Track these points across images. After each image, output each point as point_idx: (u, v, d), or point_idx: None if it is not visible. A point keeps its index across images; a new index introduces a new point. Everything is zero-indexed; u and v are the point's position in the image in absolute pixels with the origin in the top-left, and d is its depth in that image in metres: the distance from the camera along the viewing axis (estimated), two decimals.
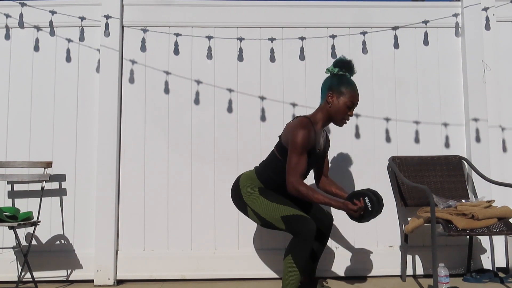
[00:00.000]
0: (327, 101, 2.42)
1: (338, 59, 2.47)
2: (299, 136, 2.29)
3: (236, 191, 2.51)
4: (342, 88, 2.39)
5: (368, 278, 3.10)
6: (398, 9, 3.33)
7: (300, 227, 2.23)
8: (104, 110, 3.13)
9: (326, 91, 2.44)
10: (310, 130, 2.33)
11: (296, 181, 2.29)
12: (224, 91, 3.25)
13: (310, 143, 2.33)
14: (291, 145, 2.31)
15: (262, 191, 2.44)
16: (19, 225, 2.68)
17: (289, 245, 2.26)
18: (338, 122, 2.45)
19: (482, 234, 2.58)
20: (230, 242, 3.15)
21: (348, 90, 2.39)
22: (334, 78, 2.43)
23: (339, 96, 2.40)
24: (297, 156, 2.31)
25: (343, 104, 2.39)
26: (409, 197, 3.04)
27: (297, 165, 2.30)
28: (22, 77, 3.21)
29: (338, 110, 2.40)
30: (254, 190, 2.45)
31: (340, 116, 2.41)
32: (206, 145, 3.21)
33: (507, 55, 3.36)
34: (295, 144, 2.30)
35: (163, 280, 3.11)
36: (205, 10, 3.28)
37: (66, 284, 3.06)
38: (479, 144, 3.20)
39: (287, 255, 2.24)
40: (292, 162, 2.31)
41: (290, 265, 2.22)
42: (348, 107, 2.40)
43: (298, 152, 2.30)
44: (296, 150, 2.30)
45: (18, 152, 3.15)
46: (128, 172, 3.17)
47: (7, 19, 3.22)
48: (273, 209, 2.33)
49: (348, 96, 2.39)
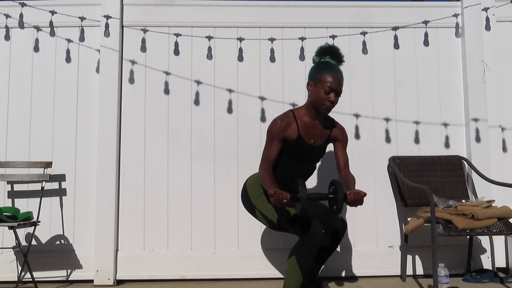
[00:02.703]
0: (308, 91, 2.41)
1: (320, 47, 2.42)
2: (270, 126, 2.38)
3: (245, 193, 2.53)
4: (318, 75, 2.34)
5: (368, 278, 3.10)
6: (398, 9, 3.33)
7: (305, 229, 2.22)
8: (104, 110, 3.13)
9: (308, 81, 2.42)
10: (285, 120, 2.36)
11: (260, 165, 2.38)
12: (224, 91, 3.25)
13: (285, 131, 2.35)
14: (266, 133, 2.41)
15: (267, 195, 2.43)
16: (19, 225, 2.68)
17: (294, 247, 2.25)
18: (320, 109, 2.37)
19: (482, 234, 2.58)
20: (230, 242, 3.15)
21: (323, 75, 2.31)
22: (313, 67, 2.41)
23: (316, 83, 2.35)
24: (267, 144, 2.39)
25: (320, 90, 2.32)
26: (409, 197, 3.04)
27: (265, 151, 2.39)
28: (22, 77, 3.21)
29: (316, 97, 2.35)
30: (261, 192, 2.45)
31: (319, 102, 2.34)
32: (206, 145, 3.20)
33: (507, 55, 3.36)
34: (267, 132, 2.39)
35: (163, 280, 3.11)
36: (205, 10, 3.28)
37: (66, 284, 3.06)
38: (479, 144, 3.20)
39: (291, 256, 2.23)
40: (264, 150, 2.41)
41: (293, 266, 2.22)
42: (325, 92, 2.32)
43: (268, 141, 2.39)
44: (268, 137, 2.39)
45: (18, 152, 3.15)
46: (128, 172, 3.17)
47: (7, 19, 3.22)
48: (280, 212, 2.33)
49: (324, 80, 2.31)
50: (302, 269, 2.20)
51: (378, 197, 3.20)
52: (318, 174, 3.23)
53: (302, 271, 2.20)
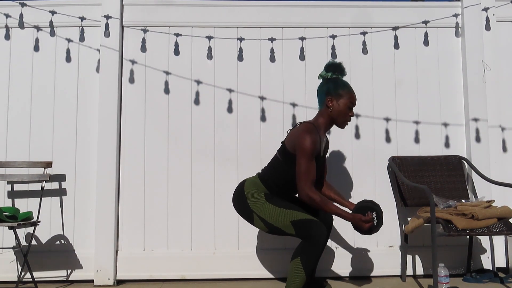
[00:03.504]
0: (327, 106, 2.44)
1: (329, 64, 2.50)
2: (307, 142, 2.28)
3: (240, 197, 2.48)
4: (339, 90, 2.43)
5: (368, 278, 3.10)
6: (398, 9, 3.33)
7: (310, 231, 2.22)
8: (104, 110, 3.13)
9: (324, 96, 2.46)
10: (317, 135, 2.34)
11: (309, 189, 2.28)
12: (224, 91, 3.25)
13: (317, 148, 2.34)
14: (301, 151, 2.30)
15: (268, 197, 2.42)
16: (19, 225, 2.68)
17: (298, 248, 2.25)
18: (341, 125, 2.48)
19: (482, 234, 2.58)
20: (230, 242, 3.15)
21: (345, 92, 2.44)
22: (330, 82, 2.46)
23: (338, 99, 2.43)
24: (307, 162, 2.29)
25: (343, 106, 2.43)
26: (409, 197, 3.04)
27: (308, 171, 2.30)
28: (22, 77, 3.21)
29: (339, 112, 2.44)
30: (260, 196, 2.42)
31: (342, 118, 2.45)
32: (206, 145, 3.21)
33: (507, 55, 3.36)
34: (305, 150, 2.29)
35: (163, 280, 3.11)
36: (205, 10, 3.28)
37: (66, 284, 3.06)
38: (479, 144, 3.20)
39: (296, 257, 2.23)
40: (303, 169, 2.29)
41: (298, 267, 2.21)
42: (348, 107, 2.45)
43: (308, 158, 2.29)
44: (306, 156, 2.29)
45: (18, 152, 3.15)
46: (128, 172, 3.17)
47: (7, 19, 3.22)
48: (282, 215, 2.32)
49: (347, 97, 2.44)
50: (306, 270, 2.21)
51: (378, 197, 3.20)
52: None
53: (306, 272, 2.21)
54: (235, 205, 2.52)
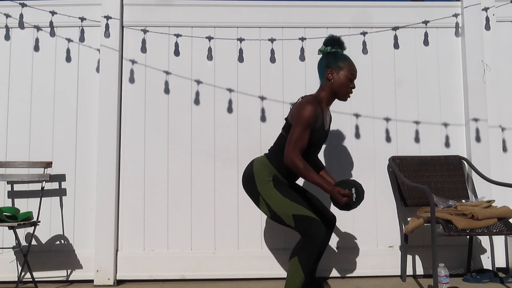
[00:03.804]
0: (328, 79, 2.45)
1: (328, 38, 2.51)
2: (306, 111, 2.30)
3: (249, 177, 2.45)
4: (339, 63, 2.44)
5: (368, 278, 3.10)
6: (398, 9, 3.33)
7: (309, 229, 2.22)
8: (104, 110, 3.13)
9: (324, 69, 2.47)
10: (317, 106, 2.34)
11: (295, 155, 2.29)
12: (224, 91, 3.25)
13: (316, 119, 2.35)
14: (297, 119, 2.31)
15: (276, 182, 2.39)
16: (19, 225, 2.68)
17: (296, 247, 2.25)
18: (343, 97, 2.48)
19: (482, 234, 2.58)
20: (230, 242, 3.15)
21: (345, 64, 2.45)
22: (330, 56, 2.48)
23: (338, 71, 2.44)
24: (301, 130, 2.31)
25: (344, 78, 2.43)
26: (409, 197, 3.04)
27: (299, 139, 2.31)
28: (22, 77, 3.21)
29: (341, 84, 2.44)
30: (269, 180, 2.39)
31: (344, 90, 2.45)
32: (206, 145, 3.21)
33: (507, 55, 3.36)
34: (301, 118, 2.30)
35: (163, 280, 3.11)
36: (205, 10, 3.28)
37: (66, 284, 3.06)
38: (479, 144, 3.20)
39: (294, 256, 2.23)
40: (295, 135, 2.31)
41: (296, 267, 2.21)
42: (349, 79, 2.45)
43: (302, 126, 2.30)
44: (301, 124, 2.30)
45: (18, 152, 3.15)
46: (128, 172, 3.17)
47: (7, 19, 3.22)
48: (286, 205, 2.31)
49: (348, 69, 2.44)
50: (304, 270, 2.20)
51: (378, 197, 3.21)
52: None
53: (304, 271, 2.21)
54: (244, 186, 2.49)
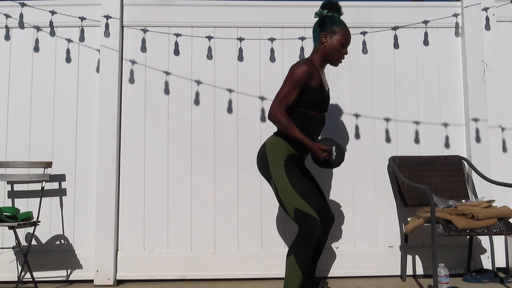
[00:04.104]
0: (321, 42, 2.46)
1: (325, 2, 2.51)
2: (297, 69, 2.32)
3: (263, 159, 2.42)
4: (334, 27, 2.45)
5: (368, 278, 3.10)
6: (398, 9, 3.33)
7: (307, 225, 2.22)
8: (104, 110, 3.13)
9: (318, 32, 2.48)
10: (310, 66, 2.35)
11: (279, 110, 2.31)
12: (224, 91, 3.25)
13: (310, 78, 2.35)
14: (287, 77, 2.34)
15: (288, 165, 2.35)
16: (19, 225, 2.68)
17: (292, 245, 2.26)
18: (334, 62, 2.49)
19: (482, 234, 2.58)
20: (230, 242, 3.15)
21: (340, 28, 2.45)
22: (325, 19, 2.48)
23: (332, 35, 2.44)
24: (290, 87, 2.32)
25: (337, 42, 2.44)
26: (409, 197, 3.04)
27: (287, 95, 2.32)
28: (22, 77, 3.21)
29: (333, 48, 2.44)
30: (281, 163, 2.35)
31: (336, 54, 2.46)
32: (206, 145, 3.21)
33: (507, 55, 3.36)
34: (292, 76, 2.32)
35: (163, 280, 3.11)
36: (205, 10, 3.28)
37: (66, 284, 3.06)
38: (479, 144, 3.20)
39: (290, 254, 2.24)
40: (283, 91, 2.33)
41: (293, 265, 2.22)
42: (342, 44, 2.45)
43: (292, 84, 2.32)
44: (291, 81, 2.32)
45: (18, 152, 3.15)
46: (128, 172, 3.17)
47: (7, 19, 3.22)
48: (292, 196, 2.29)
49: (341, 34, 2.44)
50: (301, 267, 2.21)
51: (378, 197, 3.21)
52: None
53: (301, 269, 2.21)
54: (258, 167, 2.47)
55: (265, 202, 3.17)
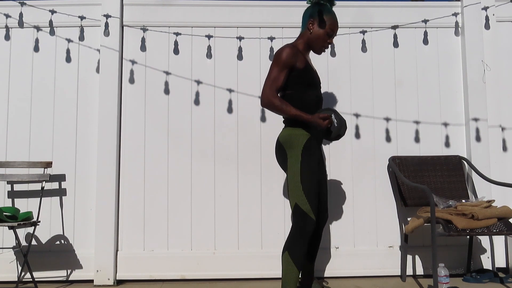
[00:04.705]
0: (308, 28, 2.45)
1: None
2: (282, 53, 2.33)
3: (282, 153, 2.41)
4: (323, 16, 2.44)
5: (368, 278, 3.10)
6: (397, 9, 3.32)
7: (300, 223, 2.25)
8: (104, 110, 3.13)
9: (307, 19, 2.47)
10: (294, 49, 2.36)
11: (271, 94, 2.32)
12: (224, 91, 3.25)
13: (295, 60, 2.35)
14: (274, 60, 2.35)
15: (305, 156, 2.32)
16: (19, 225, 2.68)
17: (286, 241, 2.29)
18: (317, 50, 2.49)
19: (482, 234, 2.58)
20: (230, 242, 3.15)
21: (328, 18, 2.44)
22: (316, 6, 2.47)
23: (320, 23, 2.44)
24: (277, 70, 2.33)
25: (323, 32, 2.44)
26: (409, 197, 3.04)
27: (275, 79, 2.33)
28: (22, 77, 3.21)
29: (318, 36, 2.44)
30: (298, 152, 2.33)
31: (320, 43, 2.45)
32: (206, 145, 3.20)
33: (507, 55, 3.35)
34: (277, 59, 2.33)
35: (163, 280, 3.11)
36: (205, 10, 3.27)
37: (66, 284, 3.06)
38: (479, 144, 3.20)
39: (284, 252, 2.27)
40: (271, 76, 2.34)
41: (288, 262, 2.24)
42: (328, 34, 2.45)
43: (279, 67, 2.33)
44: (277, 64, 2.33)
45: (18, 152, 3.15)
46: (128, 172, 3.17)
47: (7, 19, 3.22)
48: (297, 190, 2.29)
49: (329, 23, 2.44)
50: (296, 263, 2.24)
51: (378, 197, 3.21)
52: None
53: (297, 265, 2.24)
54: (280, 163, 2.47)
55: (265, 202, 3.17)
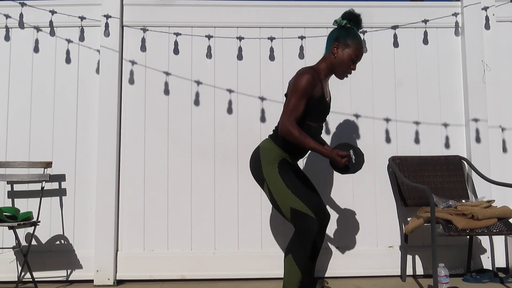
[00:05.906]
0: (332, 52, 2.41)
1: (347, 12, 2.45)
2: (301, 80, 2.29)
3: (256, 162, 2.42)
4: (348, 40, 2.39)
5: (368, 278, 3.10)
6: (397, 9, 3.32)
7: (303, 225, 2.22)
8: (104, 110, 3.13)
9: (332, 42, 2.43)
10: (314, 76, 2.32)
11: (290, 123, 2.28)
12: (224, 91, 3.25)
13: (313, 88, 2.32)
14: (293, 89, 2.30)
15: (281, 167, 2.35)
16: (19, 225, 2.68)
17: (289, 244, 2.26)
18: (340, 74, 2.44)
19: (482, 234, 2.58)
20: (230, 242, 3.15)
21: (354, 43, 2.39)
22: (342, 30, 2.42)
23: (344, 48, 2.39)
24: (296, 99, 2.29)
25: (347, 56, 2.39)
26: (409, 197, 3.04)
27: (295, 108, 2.29)
28: (22, 77, 3.21)
29: (342, 61, 2.40)
30: (274, 165, 2.35)
31: (343, 68, 2.41)
32: (206, 146, 3.20)
33: (507, 55, 3.35)
34: (297, 87, 2.29)
35: (163, 280, 3.11)
36: (205, 10, 3.27)
37: (66, 284, 3.06)
38: (479, 144, 3.20)
39: (288, 254, 2.25)
40: (290, 104, 2.30)
41: (291, 264, 2.22)
42: (352, 60, 2.40)
43: (298, 95, 2.29)
44: (296, 93, 2.29)
45: (18, 152, 3.15)
46: (128, 172, 3.17)
47: (7, 20, 3.22)
48: (287, 197, 2.28)
49: (354, 48, 2.39)
50: (300, 266, 2.22)
51: (378, 197, 3.21)
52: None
53: (300, 268, 2.22)
54: (251, 170, 2.46)
55: (265, 202, 3.17)
